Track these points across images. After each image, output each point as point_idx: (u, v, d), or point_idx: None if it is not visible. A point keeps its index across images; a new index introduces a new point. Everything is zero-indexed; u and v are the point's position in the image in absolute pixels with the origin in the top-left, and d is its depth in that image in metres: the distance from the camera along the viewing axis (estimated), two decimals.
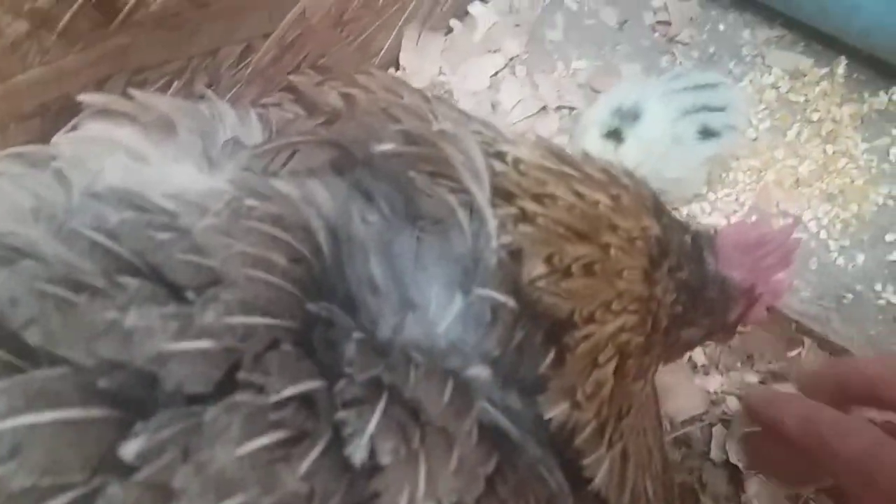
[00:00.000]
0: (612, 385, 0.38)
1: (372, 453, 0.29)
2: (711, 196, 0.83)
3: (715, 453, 0.72)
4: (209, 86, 0.62)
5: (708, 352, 0.76)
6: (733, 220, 0.82)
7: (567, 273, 0.39)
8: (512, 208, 0.40)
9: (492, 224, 0.38)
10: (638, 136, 0.74)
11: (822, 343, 0.76)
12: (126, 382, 0.27)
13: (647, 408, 0.45)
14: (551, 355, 0.36)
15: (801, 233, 0.80)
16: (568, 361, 0.36)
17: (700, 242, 0.55)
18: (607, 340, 0.39)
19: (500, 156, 0.44)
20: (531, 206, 0.40)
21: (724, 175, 0.84)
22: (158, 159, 0.41)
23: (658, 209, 0.49)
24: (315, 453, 0.28)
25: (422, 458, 0.30)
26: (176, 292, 0.30)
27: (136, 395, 0.27)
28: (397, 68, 0.90)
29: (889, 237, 0.79)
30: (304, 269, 0.34)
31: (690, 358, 0.76)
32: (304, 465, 0.27)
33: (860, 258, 0.79)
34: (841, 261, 0.79)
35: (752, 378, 0.75)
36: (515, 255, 0.38)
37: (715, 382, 0.75)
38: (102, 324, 0.28)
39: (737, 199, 0.83)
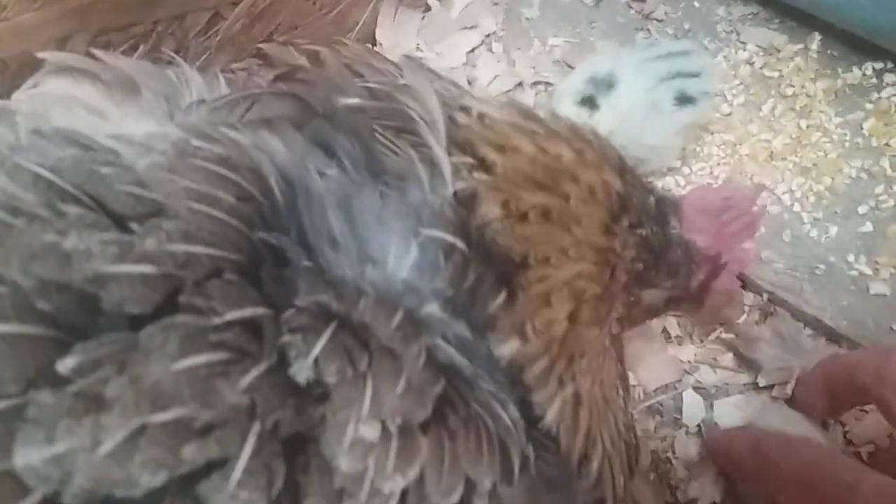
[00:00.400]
0: (565, 328, 0.38)
1: (318, 377, 0.29)
2: (686, 170, 0.83)
3: (687, 421, 0.72)
4: (177, 52, 0.61)
5: (682, 321, 0.77)
6: None
7: (523, 218, 0.39)
8: (468, 158, 0.40)
9: (447, 170, 0.38)
10: (612, 104, 0.74)
11: (796, 313, 0.76)
12: (65, 306, 0.27)
13: (605, 361, 0.45)
14: (503, 296, 0.36)
15: (775, 205, 0.81)
16: (520, 299, 0.36)
17: (665, 206, 0.55)
18: (562, 285, 0.39)
19: (466, 109, 0.44)
20: (492, 155, 0.40)
21: (698, 149, 0.84)
22: (118, 118, 0.41)
23: (622, 167, 0.49)
24: (257, 371, 0.28)
25: (368, 380, 0.30)
26: (118, 223, 0.30)
27: (76, 320, 0.27)
28: (374, 44, 0.90)
29: (861, 209, 0.79)
30: (253, 209, 0.34)
31: (664, 328, 0.77)
32: (245, 380, 0.27)
33: (833, 230, 0.79)
34: (814, 233, 0.79)
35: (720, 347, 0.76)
36: (470, 200, 0.38)
37: (688, 352, 0.76)
38: (40, 245, 0.28)
39: (711, 173, 0.83)
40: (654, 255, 0.51)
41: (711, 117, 0.84)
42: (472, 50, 0.92)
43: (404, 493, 0.29)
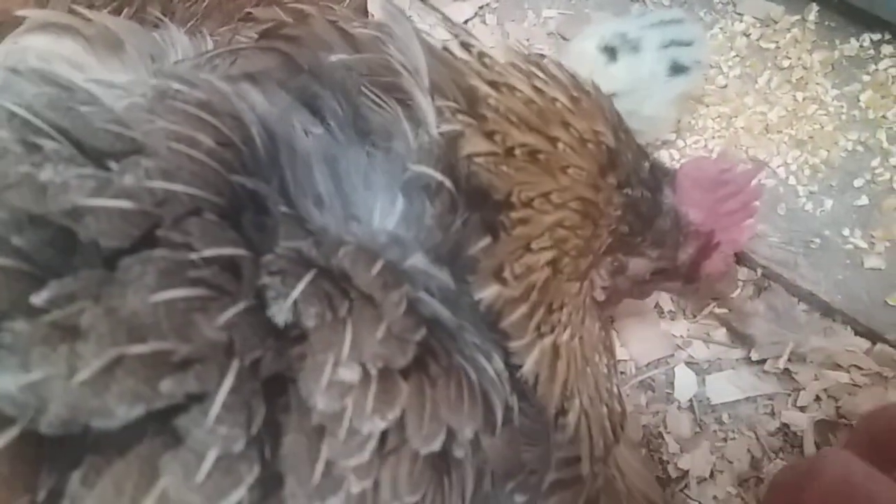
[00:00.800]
0: (545, 275, 0.38)
1: (297, 320, 0.29)
2: (680, 143, 0.83)
3: (679, 396, 0.71)
4: (163, 15, 0.60)
5: (675, 296, 0.76)
6: None
7: (509, 154, 0.38)
8: (451, 102, 0.39)
9: (431, 115, 0.38)
10: (629, 64, 0.73)
11: (790, 288, 0.76)
12: (40, 244, 0.27)
13: (585, 319, 0.45)
14: (486, 240, 0.36)
15: (770, 178, 0.80)
16: (502, 240, 0.36)
17: (659, 173, 0.54)
18: (544, 230, 0.38)
19: (467, 47, 0.43)
20: (485, 89, 0.40)
21: (693, 122, 0.83)
22: (99, 71, 0.40)
23: (617, 124, 0.48)
24: (235, 309, 0.27)
25: (348, 325, 0.29)
26: (95, 160, 0.29)
27: (50, 259, 0.27)
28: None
29: (857, 182, 0.79)
30: (233, 154, 0.33)
31: (657, 303, 0.76)
32: (223, 317, 0.26)
33: (828, 203, 0.78)
34: (809, 206, 0.78)
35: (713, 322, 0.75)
36: (454, 141, 0.37)
37: (681, 327, 0.75)
38: (15, 176, 0.27)
39: (706, 146, 0.82)
40: (642, 221, 0.49)
41: (707, 89, 0.83)
42: (466, 22, 0.91)
43: (384, 436, 0.29)
